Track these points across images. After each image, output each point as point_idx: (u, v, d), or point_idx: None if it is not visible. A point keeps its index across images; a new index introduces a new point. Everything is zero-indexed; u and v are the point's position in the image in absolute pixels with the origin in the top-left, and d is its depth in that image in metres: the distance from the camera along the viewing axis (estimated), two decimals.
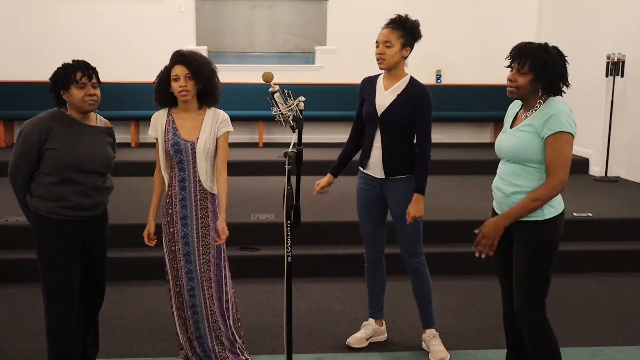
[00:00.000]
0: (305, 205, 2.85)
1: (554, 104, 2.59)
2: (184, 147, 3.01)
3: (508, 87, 2.64)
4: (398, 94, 3.29)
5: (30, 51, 8.17)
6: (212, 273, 3.10)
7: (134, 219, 4.97)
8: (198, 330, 3.12)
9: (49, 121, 2.78)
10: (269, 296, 4.25)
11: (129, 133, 8.11)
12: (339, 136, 8.53)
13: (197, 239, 3.07)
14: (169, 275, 3.15)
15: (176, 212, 3.07)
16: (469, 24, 8.83)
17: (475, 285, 4.50)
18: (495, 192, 2.78)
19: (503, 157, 2.74)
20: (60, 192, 2.77)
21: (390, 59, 3.25)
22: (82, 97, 2.78)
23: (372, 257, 3.51)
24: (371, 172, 3.38)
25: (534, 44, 2.59)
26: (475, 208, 5.39)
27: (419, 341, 3.56)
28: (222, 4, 8.88)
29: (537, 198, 2.54)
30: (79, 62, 2.82)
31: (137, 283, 4.47)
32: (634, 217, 5.30)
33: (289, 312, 2.63)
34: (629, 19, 6.89)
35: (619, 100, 7.02)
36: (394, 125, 3.29)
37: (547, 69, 2.54)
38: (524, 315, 2.67)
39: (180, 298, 3.12)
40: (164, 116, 3.09)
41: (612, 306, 4.18)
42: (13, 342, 3.55)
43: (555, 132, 2.52)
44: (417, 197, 3.27)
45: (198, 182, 3.05)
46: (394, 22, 3.27)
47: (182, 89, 2.95)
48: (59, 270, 2.83)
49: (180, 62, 2.96)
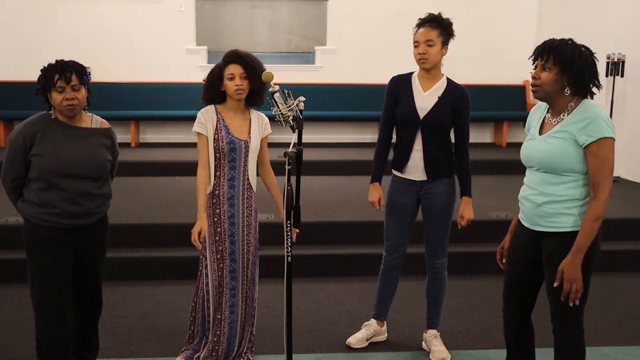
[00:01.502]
0: (305, 205, 2.85)
1: (591, 107, 2.42)
2: (238, 145, 3.04)
3: (532, 86, 2.50)
4: (439, 96, 3.24)
5: (30, 51, 8.17)
6: (249, 271, 3.15)
7: (134, 219, 4.98)
8: (231, 330, 3.13)
9: (35, 126, 2.71)
10: (269, 296, 4.24)
11: (129, 133, 8.10)
12: (339, 136, 8.54)
13: (242, 238, 3.10)
14: (209, 277, 3.10)
15: (224, 212, 3.07)
16: (469, 24, 8.80)
17: (475, 285, 4.50)
18: (522, 202, 2.61)
19: (533, 166, 2.55)
20: (47, 198, 2.70)
21: (434, 59, 3.20)
22: (61, 101, 2.67)
23: (391, 262, 3.45)
24: (410, 175, 3.31)
25: (555, 39, 2.46)
26: (475, 208, 5.36)
27: (419, 341, 3.56)
28: (222, 4, 8.88)
29: (598, 216, 2.37)
30: (57, 64, 2.69)
31: (137, 283, 4.47)
32: (634, 217, 5.30)
33: (289, 312, 2.62)
34: (629, 19, 6.89)
35: (619, 100, 7.02)
36: (435, 128, 3.25)
37: (573, 62, 2.38)
38: (561, 330, 2.56)
39: (221, 298, 3.10)
40: (214, 114, 3.08)
41: (612, 306, 4.18)
42: (13, 342, 3.55)
43: (597, 139, 2.36)
44: (467, 200, 3.31)
45: (247, 181, 3.10)
46: (431, 20, 3.22)
47: (238, 88, 2.99)
48: (46, 279, 2.75)
49: (237, 61, 3.00)
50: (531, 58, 2.52)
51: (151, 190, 5.96)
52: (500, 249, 2.82)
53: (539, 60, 2.45)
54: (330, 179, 6.63)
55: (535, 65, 2.49)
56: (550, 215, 2.49)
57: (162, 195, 5.76)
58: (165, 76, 8.27)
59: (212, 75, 3.07)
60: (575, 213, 2.46)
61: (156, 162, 6.80)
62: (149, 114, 7.96)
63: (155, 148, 7.77)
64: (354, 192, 5.87)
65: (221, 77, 3.02)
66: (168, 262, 4.62)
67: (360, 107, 8.27)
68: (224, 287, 3.10)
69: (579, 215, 2.46)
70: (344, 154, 7.50)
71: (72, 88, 2.67)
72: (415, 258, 3.97)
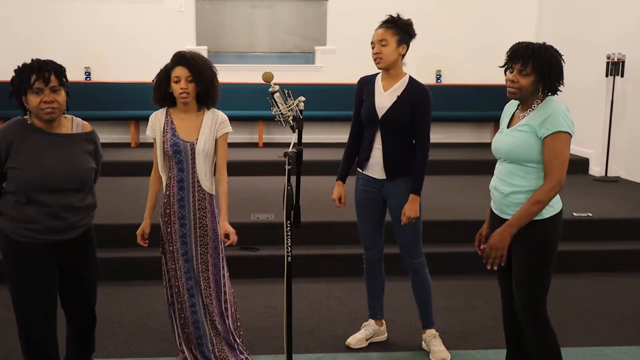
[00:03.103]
0: (305, 205, 2.85)
1: (552, 103, 2.58)
2: (183, 147, 3.01)
3: (509, 88, 2.62)
4: (398, 95, 3.27)
5: (30, 51, 8.09)
6: (210, 273, 3.11)
7: (134, 219, 4.97)
8: (197, 331, 3.12)
9: (9, 135, 2.45)
10: (269, 296, 4.25)
11: (129, 133, 8.11)
12: (339, 136, 8.53)
13: (195, 239, 3.07)
14: (166, 276, 3.15)
15: (174, 212, 3.06)
16: (469, 24, 8.83)
17: (475, 285, 4.50)
18: (492, 192, 2.77)
19: (500, 157, 2.73)
20: (26, 213, 2.46)
21: (388, 57, 3.23)
22: (38, 104, 2.41)
23: (371, 259, 3.51)
24: (371, 173, 3.37)
25: (533, 44, 2.57)
26: (475, 208, 5.39)
27: (419, 341, 3.56)
28: (222, 4, 8.88)
29: (538, 201, 2.53)
30: (38, 63, 2.42)
31: (137, 283, 4.47)
32: (634, 217, 5.30)
33: (289, 312, 2.62)
34: (629, 19, 6.89)
35: (619, 100, 7.02)
36: (394, 126, 3.28)
37: (551, 70, 2.54)
38: (524, 315, 2.67)
39: (180, 298, 3.11)
40: (163, 116, 3.08)
41: (612, 306, 4.18)
42: (13, 342, 3.55)
43: (553, 132, 2.51)
44: (413, 197, 3.26)
45: (197, 183, 3.05)
46: (386, 22, 3.27)
47: (182, 91, 2.95)
48: (27, 298, 2.54)
49: (182, 63, 2.94)
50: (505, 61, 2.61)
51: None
52: (478, 235, 2.91)
53: (518, 65, 2.55)
54: (330, 179, 6.60)
55: (511, 68, 2.59)
56: (515, 205, 2.62)
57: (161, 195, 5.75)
58: None
59: (159, 77, 3.02)
60: None
61: None
62: (149, 114, 7.86)
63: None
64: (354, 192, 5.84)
65: (168, 79, 2.98)
66: None
67: None
68: (181, 287, 3.09)
69: None
70: None
71: (52, 89, 2.43)
72: None
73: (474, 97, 8.74)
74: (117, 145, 8.02)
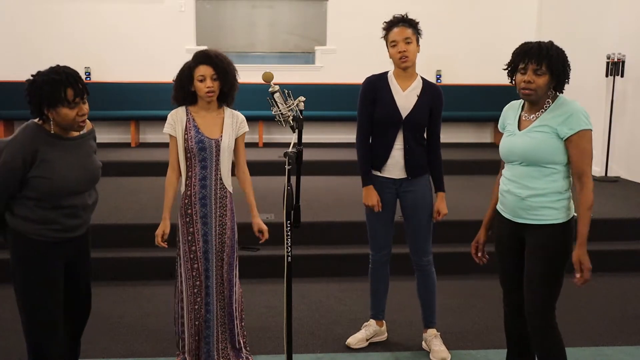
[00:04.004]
0: (305, 205, 2.85)
1: (568, 102, 2.55)
2: (208, 144, 3.02)
3: (524, 90, 2.55)
4: (418, 95, 3.27)
5: (30, 51, 8.17)
6: (225, 272, 3.12)
7: (134, 219, 4.98)
8: (208, 329, 3.12)
9: (33, 144, 2.42)
10: (269, 296, 4.25)
11: (129, 133, 8.10)
12: (339, 136, 8.54)
13: (215, 238, 3.08)
14: (183, 277, 3.10)
15: (196, 212, 3.06)
16: (469, 24, 8.83)
17: (475, 285, 4.50)
18: (505, 196, 2.68)
19: (515, 160, 2.64)
20: (50, 216, 2.50)
21: (413, 56, 3.23)
22: (74, 117, 2.43)
23: (378, 260, 3.49)
24: (388, 173, 3.34)
25: (545, 43, 2.53)
26: (475, 208, 5.39)
27: (419, 341, 3.56)
28: (222, 4, 8.88)
29: (591, 204, 2.53)
30: (67, 76, 2.41)
31: (137, 283, 4.47)
32: (634, 217, 5.30)
33: (289, 312, 2.62)
34: (629, 19, 6.89)
35: (619, 100, 7.02)
36: (416, 126, 3.29)
37: (564, 67, 2.51)
38: (534, 318, 2.62)
39: (198, 298, 3.09)
40: (184, 114, 3.06)
41: (612, 306, 4.18)
42: (13, 342, 3.55)
43: (577, 131, 2.49)
44: (442, 195, 3.35)
45: (219, 181, 3.07)
46: (403, 20, 3.24)
47: (209, 90, 2.97)
48: (43, 297, 2.55)
49: (207, 62, 2.97)
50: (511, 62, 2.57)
51: (151, 190, 5.95)
52: (475, 243, 2.90)
53: (533, 65, 2.50)
54: (330, 179, 6.63)
55: (524, 69, 2.53)
56: (533, 209, 2.58)
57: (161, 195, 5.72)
58: (165, 76, 8.21)
59: (182, 76, 3.02)
60: (558, 207, 2.58)
61: (156, 162, 6.77)
62: (149, 114, 7.95)
63: (155, 148, 7.76)
64: (354, 192, 5.83)
65: (191, 78, 2.99)
66: (168, 262, 4.61)
67: None
68: (200, 287, 3.09)
69: (561, 208, 2.58)
70: (344, 154, 7.49)
71: (83, 102, 2.47)
72: None
73: (474, 97, 8.74)
74: (117, 145, 8.01)
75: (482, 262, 2.92)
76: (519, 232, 2.66)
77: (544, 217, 2.58)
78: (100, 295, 4.02)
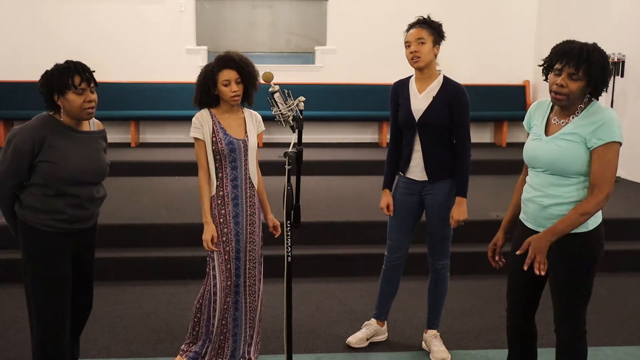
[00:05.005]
0: (305, 205, 2.85)
1: (602, 110, 2.38)
2: (237, 145, 3.05)
3: (556, 94, 2.37)
4: (434, 96, 3.24)
5: (30, 51, 8.17)
6: (257, 271, 3.16)
7: (134, 219, 4.98)
8: (236, 327, 3.14)
9: (42, 130, 2.55)
10: (269, 296, 4.24)
11: (129, 133, 8.09)
12: (339, 136, 8.54)
13: (245, 236, 3.11)
14: (217, 278, 3.08)
15: (229, 212, 3.07)
16: (469, 24, 8.82)
17: (476, 286, 4.50)
18: (527, 204, 2.56)
19: (539, 167, 2.50)
20: (55, 205, 2.59)
21: (426, 57, 3.20)
22: (81, 104, 2.55)
23: (393, 262, 3.46)
24: (412, 175, 3.34)
25: (587, 45, 2.35)
26: (474, 208, 5.36)
27: (419, 341, 3.56)
28: (222, 4, 8.88)
29: (585, 212, 2.35)
30: (75, 65, 2.57)
31: (137, 283, 4.47)
32: (634, 217, 5.30)
33: (289, 312, 2.63)
34: (629, 19, 6.89)
35: (619, 100, 7.02)
36: (432, 128, 3.25)
37: (605, 75, 2.34)
38: (563, 328, 2.55)
39: (228, 298, 3.09)
40: (209, 117, 3.07)
41: (612, 306, 4.18)
42: (13, 342, 3.55)
43: (606, 143, 2.35)
44: (460, 200, 3.27)
45: (249, 180, 3.11)
46: (420, 22, 3.24)
47: (234, 94, 2.99)
48: (52, 287, 2.63)
49: (231, 66, 2.98)
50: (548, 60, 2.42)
51: (151, 190, 5.96)
52: (492, 245, 2.80)
53: (570, 69, 2.32)
54: (330, 179, 6.63)
55: (559, 70, 2.36)
56: (556, 217, 2.45)
57: (162, 195, 5.75)
58: (165, 76, 8.27)
59: (206, 79, 3.02)
60: None
61: (156, 162, 6.78)
62: (149, 114, 7.95)
63: (155, 148, 7.76)
64: (354, 192, 5.87)
65: (215, 81, 3.00)
66: (168, 262, 4.62)
67: (360, 107, 8.28)
68: (231, 286, 3.10)
69: None
70: (344, 154, 7.50)
71: (91, 90, 2.59)
72: (417, 258, 3.98)
73: (474, 97, 8.69)
74: (117, 145, 7.99)
75: (498, 266, 2.80)
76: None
77: None
78: (100, 295, 4.01)
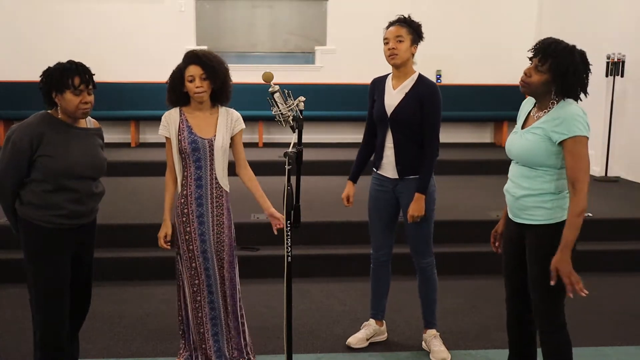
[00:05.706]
0: (305, 205, 2.85)
1: (567, 107, 2.49)
2: (201, 144, 3.02)
3: (520, 81, 2.55)
4: (406, 92, 3.27)
5: (30, 51, 8.17)
6: (226, 271, 3.12)
7: (134, 219, 4.98)
8: (215, 327, 3.12)
9: (40, 127, 2.61)
10: (269, 296, 4.25)
11: (129, 133, 8.10)
12: (339, 136, 8.54)
13: (212, 237, 3.09)
14: (184, 275, 3.11)
15: (192, 211, 3.06)
16: (469, 24, 8.83)
17: (475, 285, 4.50)
18: (506, 195, 2.68)
19: (513, 159, 2.65)
20: (54, 200, 2.63)
21: (403, 54, 3.22)
22: (77, 104, 2.61)
23: (378, 259, 3.49)
24: (384, 172, 3.36)
25: (563, 44, 2.48)
26: (475, 208, 5.38)
27: (419, 341, 3.56)
28: (222, 4, 8.88)
29: (580, 211, 2.42)
30: (76, 66, 2.63)
31: (137, 283, 4.47)
32: (634, 217, 5.30)
33: (289, 312, 2.62)
34: (629, 19, 6.90)
35: (619, 100, 7.03)
36: (403, 124, 3.27)
37: (566, 76, 2.45)
38: (542, 320, 2.59)
39: (198, 297, 3.09)
40: (177, 115, 3.07)
41: (612, 306, 4.18)
42: (13, 342, 3.55)
43: (570, 137, 2.43)
44: (418, 196, 3.25)
45: (214, 180, 3.07)
46: (399, 20, 3.27)
47: (198, 90, 2.96)
48: (53, 284, 2.67)
49: (195, 62, 2.96)
50: (530, 51, 2.53)
51: (151, 190, 5.96)
52: (494, 232, 2.89)
53: (536, 60, 2.47)
54: (330, 179, 6.63)
55: (530, 60, 2.50)
56: (527, 208, 2.56)
57: (162, 195, 5.72)
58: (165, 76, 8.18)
59: (173, 77, 3.03)
60: (549, 207, 2.53)
61: (156, 162, 6.77)
62: (148, 114, 7.95)
63: (155, 148, 7.76)
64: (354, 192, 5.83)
65: (182, 78, 2.99)
66: (168, 262, 4.61)
67: (360, 107, 8.26)
68: (200, 285, 3.09)
69: (552, 208, 2.53)
70: (344, 154, 7.49)
71: (88, 92, 2.65)
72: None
73: (474, 97, 8.74)
74: (117, 145, 8.00)
75: (499, 252, 2.87)
76: (520, 232, 2.64)
77: (535, 217, 2.55)
78: (100, 295, 4.02)
